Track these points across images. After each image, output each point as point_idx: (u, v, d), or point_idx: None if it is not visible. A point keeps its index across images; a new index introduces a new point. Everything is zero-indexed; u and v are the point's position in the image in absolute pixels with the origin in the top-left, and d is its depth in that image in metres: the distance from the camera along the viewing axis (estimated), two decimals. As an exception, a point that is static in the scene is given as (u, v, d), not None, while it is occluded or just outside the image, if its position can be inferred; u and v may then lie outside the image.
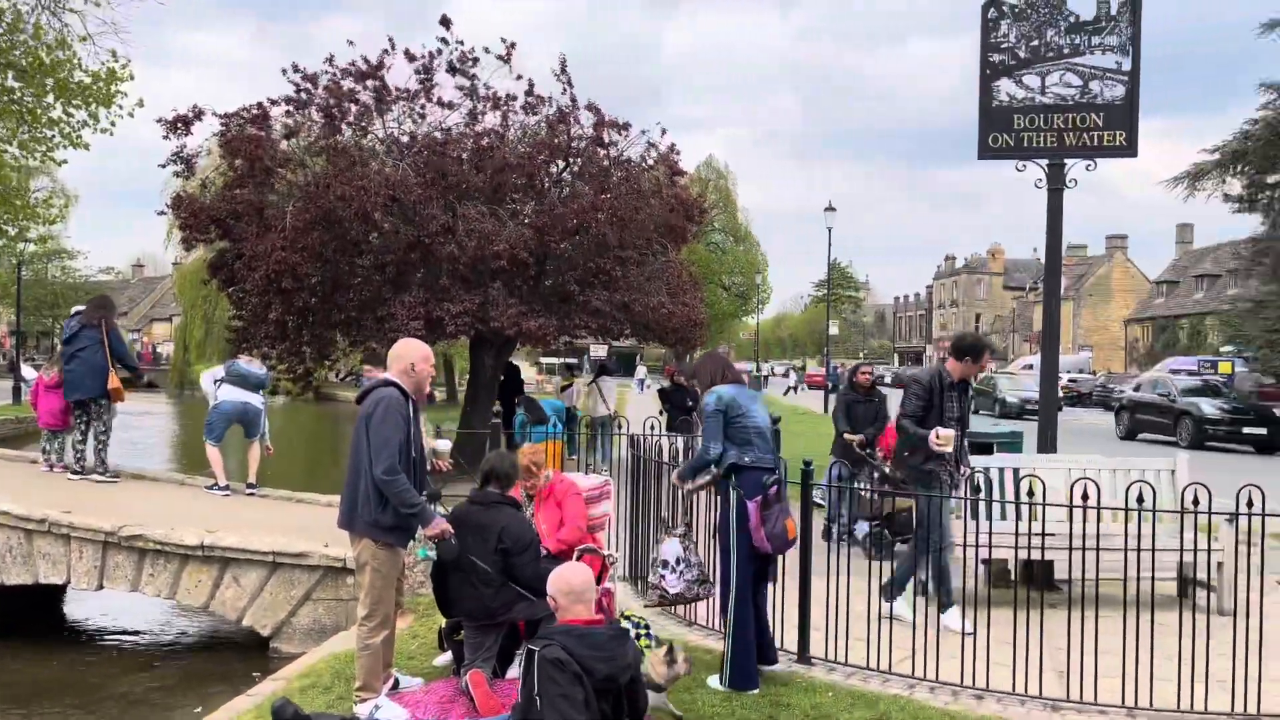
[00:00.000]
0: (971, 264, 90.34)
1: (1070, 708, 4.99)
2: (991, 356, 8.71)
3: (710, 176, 51.94)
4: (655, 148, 14.88)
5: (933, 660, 5.34)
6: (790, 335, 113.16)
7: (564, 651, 3.74)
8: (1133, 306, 67.13)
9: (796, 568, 5.71)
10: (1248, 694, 4.87)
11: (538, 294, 14.11)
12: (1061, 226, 7.81)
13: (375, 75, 13.69)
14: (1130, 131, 7.60)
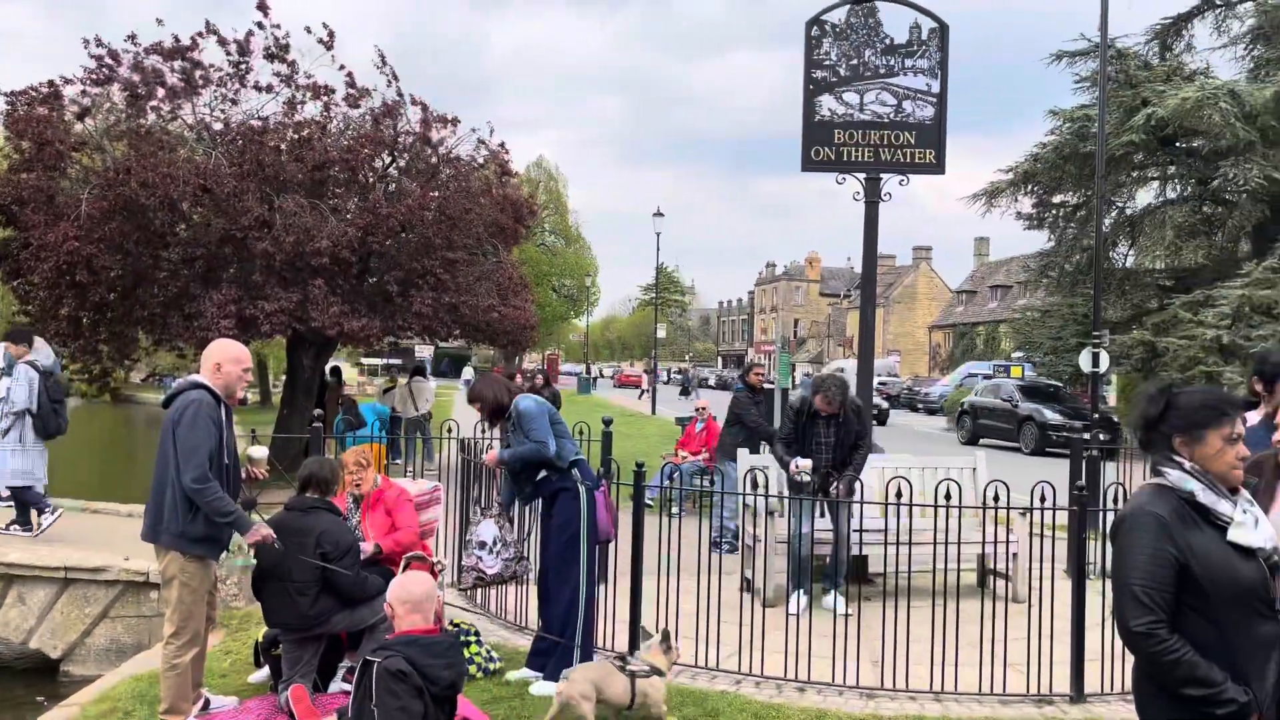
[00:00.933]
0: (791, 271, 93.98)
1: (884, 695, 5.25)
2: (838, 394, 9.09)
3: (541, 177, 51.86)
4: (485, 146, 14.70)
5: (758, 656, 5.49)
6: (619, 338, 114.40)
7: (406, 663, 3.61)
8: (936, 314, 71.62)
9: (629, 567, 5.75)
10: (1040, 675, 5.26)
11: (361, 293, 13.64)
12: (877, 237, 8.22)
13: (185, 55, 12.87)
14: (939, 150, 8.09)
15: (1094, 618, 5.25)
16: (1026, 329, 31.59)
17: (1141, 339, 23.55)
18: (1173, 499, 2.72)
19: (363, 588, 4.97)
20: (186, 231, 12.90)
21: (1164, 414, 2.82)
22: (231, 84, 13.27)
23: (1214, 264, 24.69)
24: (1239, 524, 2.67)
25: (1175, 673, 2.60)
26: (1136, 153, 23.61)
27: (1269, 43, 23.24)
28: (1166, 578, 2.63)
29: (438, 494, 6.35)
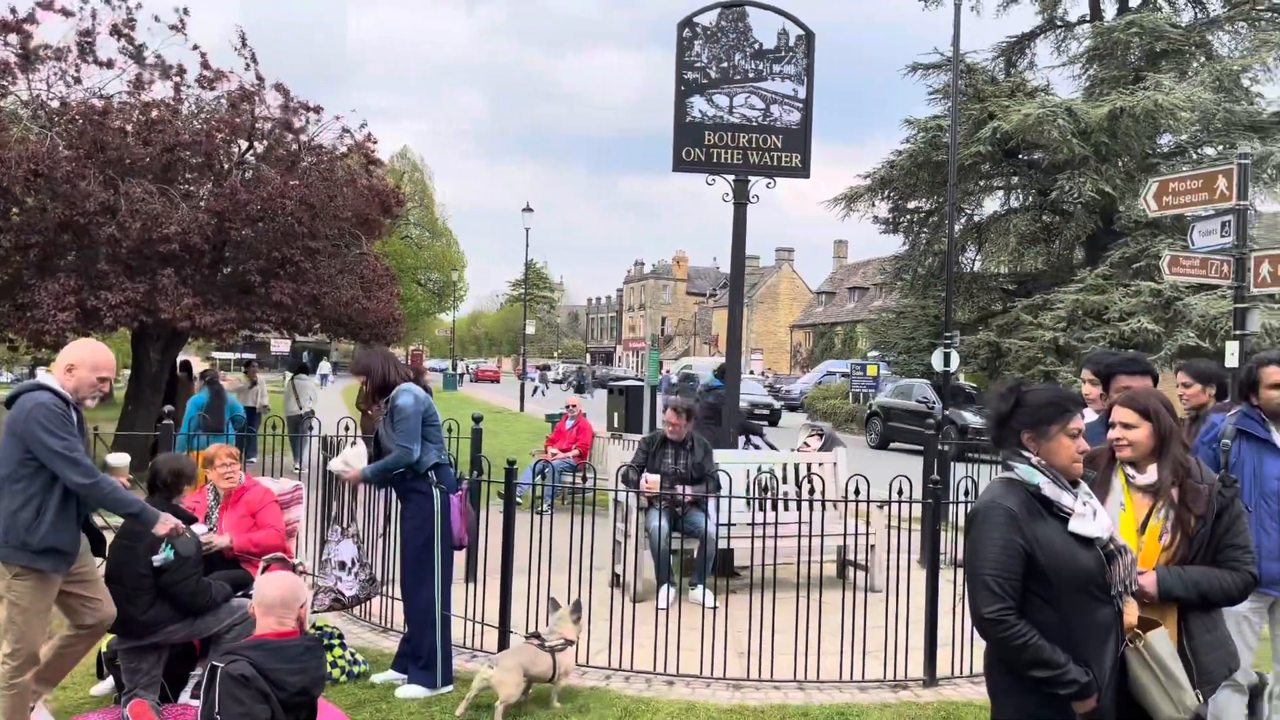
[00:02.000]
0: (659, 270, 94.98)
1: (750, 685, 5.37)
2: (688, 413, 9.40)
3: (406, 168, 50.72)
4: (350, 134, 14.27)
5: (628, 650, 5.53)
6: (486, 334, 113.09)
7: (251, 667, 3.47)
8: (797, 314, 73.76)
9: (499, 565, 5.70)
10: (896, 661, 5.48)
11: (214, 284, 13.03)
12: (745, 238, 8.39)
13: (20, 29, 11.99)
14: (804, 155, 8.31)
15: (946, 605, 5.51)
16: (882, 329, 32.91)
17: (987, 340, 24.88)
18: (1021, 492, 2.88)
19: (205, 596, 4.73)
20: (19, 217, 12.02)
21: (1014, 411, 2.98)
22: (71, 59, 12.44)
23: (1052, 270, 26.31)
24: (1079, 515, 2.85)
25: (1022, 656, 2.76)
26: (984, 163, 24.90)
27: (1104, 64, 24.89)
28: (1015, 567, 2.78)
29: (299, 494, 6.13)
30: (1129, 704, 3.01)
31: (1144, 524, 3.27)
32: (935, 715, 4.97)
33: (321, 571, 5.47)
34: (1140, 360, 4.28)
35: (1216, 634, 3.24)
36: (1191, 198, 8.38)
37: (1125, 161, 22.94)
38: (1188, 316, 21.14)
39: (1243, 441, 4.21)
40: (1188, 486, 3.23)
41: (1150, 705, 2.96)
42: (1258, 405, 4.22)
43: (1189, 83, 22.30)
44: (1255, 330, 8.13)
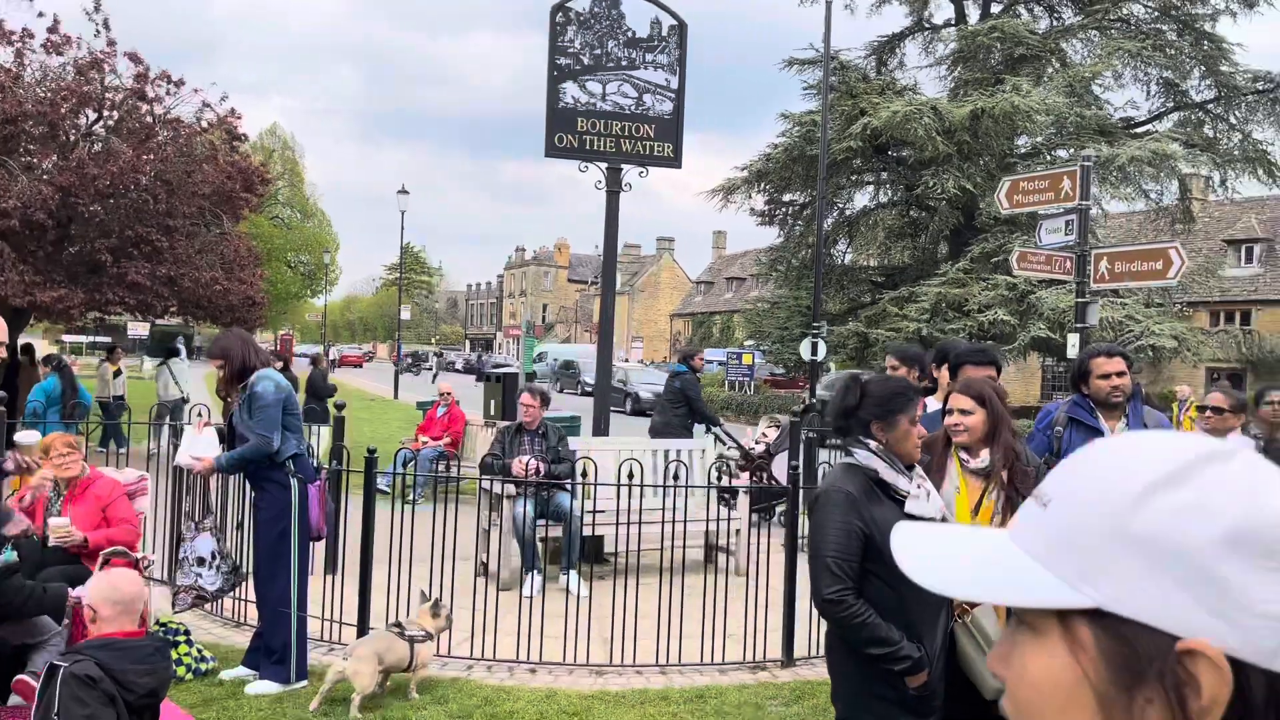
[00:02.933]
0: (540, 256, 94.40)
1: (613, 671, 5.41)
2: (544, 401, 9.19)
3: (275, 146, 48.77)
4: (210, 108, 13.64)
5: (490, 640, 5.49)
6: (360, 318, 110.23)
7: (98, 668, 3.29)
8: (677, 303, 74.54)
9: (358, 556, 5.57)
10: (755, 643, 5.61)
11: (59, 261, 12.27)
12: (618, 226, 8.40)
13: None
14: (676, 145, 8.37)
15: (804, 587, 5.65)
16: (757, 319, 33.60)
17: (856, 330, 25.67)
18: (860, 476, 3.00)
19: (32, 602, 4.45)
20: None
21: (860, 402, 3.09)
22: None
23: (918, 264, 27.33)
24: (914, 497, 2.97)
25: (860, 635, 2.87)
26: (855, 158, 25.62)
27: (967, 66, 25.93)
28: (854, 549, 2.89)
29: (144, 484, 5.84)
30: (956, 678, 3.16)
31: (977, 505, 3.43)
32: (791, 695, 5.11)
33: (180, 570, 5.23)
34: (986, 349, 4.48)
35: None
36: (1039, 196, 8.83)
37: (986, 160, 23.96)
38: (1040, 310, 22.30)
39: (1073, 429, 4.46)
40: (1016, 469, 3.41)
41: (976, 677, 3.12)
42: (1087, 395, 4.48)
43: (1044, 87, 23.45)
44: (1094, 323, 8.64)
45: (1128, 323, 23.03)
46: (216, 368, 5.10)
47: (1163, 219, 28.40)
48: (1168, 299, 27.48)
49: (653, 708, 4.89)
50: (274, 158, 45.74)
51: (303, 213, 49.81)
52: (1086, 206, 8.46)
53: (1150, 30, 24.94)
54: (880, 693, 2.93)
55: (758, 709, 4.92)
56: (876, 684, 2.92)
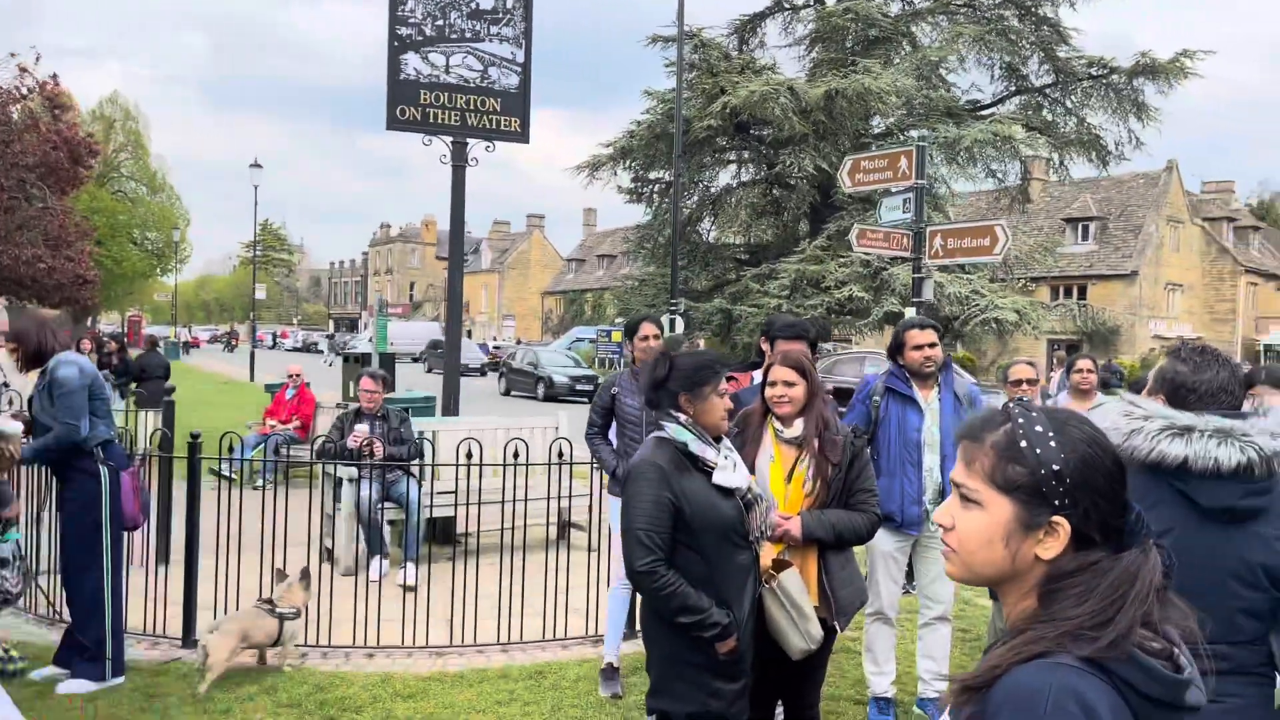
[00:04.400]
0: (406, 233, 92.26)
1: (454, 652, 5.35)
2: (386, 385, 8.93)
3: (116, 116, 45.97)
4: (29, 74, 12.70)
5: (326, 626, 5.36)
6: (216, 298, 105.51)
7: None
8: (548, 280, 74.19)
9: (183, 546, 5.34)
10: (599, 618, 5.66)
11: None
12: (464, 201, 8.26)
13: None
14: (524, 119, 8.28)
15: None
16: (626, 296, 33.69)
17: (720, 307, 26.11)
18: (670, 449, 3.04)
19: None
20: None
21: (669, 375, 3.13)
22: None
23: (779, 241, 27.95)
24: (721, 468, 3.03)
25: (671, 604, 2.92)
26: (717, 136, 25.94)
27: (824, 46, 26.57)
28: (665, 520, 2.94)
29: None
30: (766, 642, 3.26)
31: (790, 473, 3.53)
32: (629, 667, 5.17)
33: None
34: (798, 325, 4.59)
35: (848, 570, 3.57)
36: (879, 175, 9.14)
37: (842, 140, 24.65)
38: (892, 285, 23.17)
39: (890, 398, 4.64)
40: (825, 438, 3.52)
41: (783, 639, 3.22)
42: (903, 365, 4.67)
43: (895, 69, 24.25)
44: (929, 298, 9.02)
45: (974, 297, 24.18)
46: (9, 351, 4.77)
47: (1006, 198, 29.87)
48: (1011, 274, 28.98)
49: (491, 686, 4.87)
50: (115, 128, 43.14)
51: (150, 187, 47.20)
52: (922, 185, 8.79)
53: (994, 15, 26.06)
54: (690, 659, 2.99)
55: (596, 682, 4.96)
56: (687, 651, 2.98)
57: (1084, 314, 37.72)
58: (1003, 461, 1.29)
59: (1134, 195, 40.91)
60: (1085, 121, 26.81)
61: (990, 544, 1.29)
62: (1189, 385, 2.47)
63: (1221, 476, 2.29)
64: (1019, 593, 1.29)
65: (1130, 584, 1.18)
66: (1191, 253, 42.47)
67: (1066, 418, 1.31)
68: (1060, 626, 1.17)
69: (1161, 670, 1.14)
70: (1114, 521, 1.25)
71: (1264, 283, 44.59)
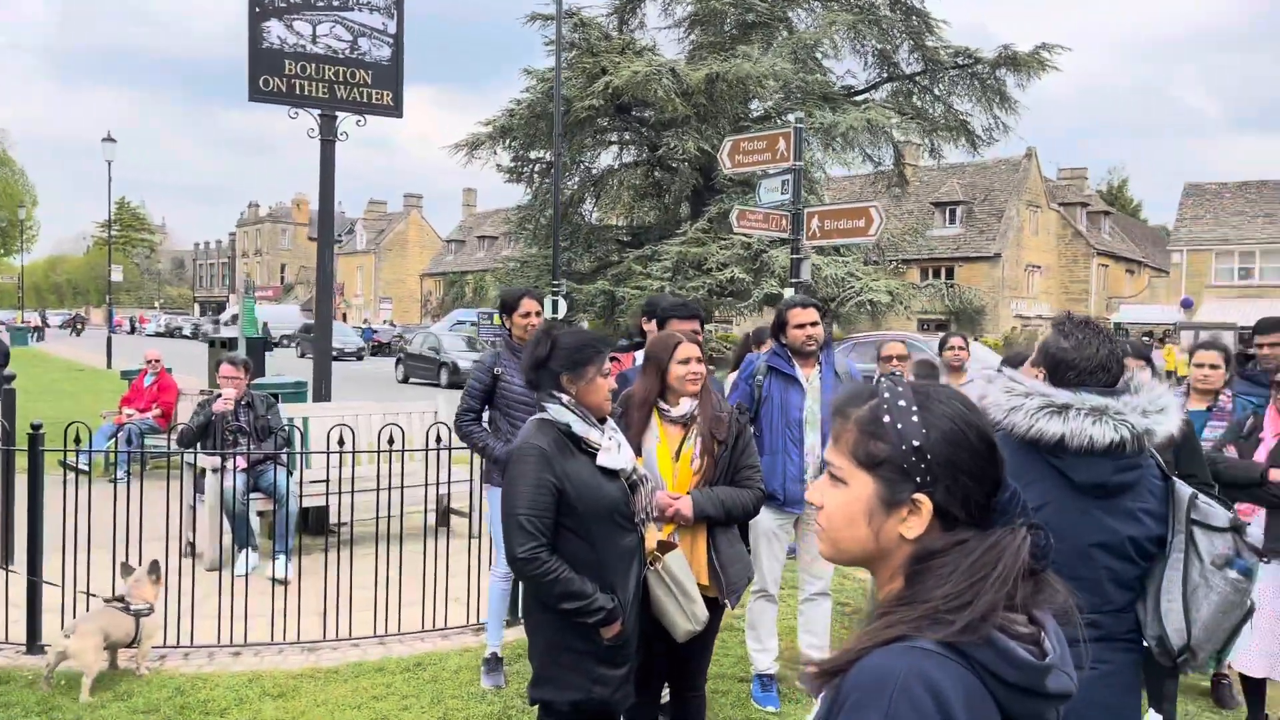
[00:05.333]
0: (276, 213, 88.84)
1: (327, 646, 5.13)
2: (248, 370, 8.54)
3: (-50, 84, 42.62)
4: None
5: (188, 625, 5.06)
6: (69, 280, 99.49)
7: None
8: (427, 262, 72.67)
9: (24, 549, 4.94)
10: (479, 606, 5.52)
11: None
12: (334, 177, 7.92)
13: None
14: (396, 93, 7.97)
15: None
16: (508, 278, 33.24)
17: (603, 289, 26.05)
18: (553, 431, 2.94)
19: None
20: None
21: (550, 355, 3.02)
22: None
23: (661, 223, 28.04)
24: (606, 449, 2.95)
25: (554, 590, 2.82)
26: (599, 117, 25.80)
27: (704, 29, 26.69)
28: (547, 504, 2.84)
29: None
30: (651, 623, 3.21)
31: (678, 452, 3.48)
32: (511, 653, 5.06)
33: None
34: (690, 304, 4.55)
35: (737, 548, 3.56)
36: (758, 157, 9.19)
37: (722, 123, 24.85)
38: (771, 267, 23.55)
39: (772, 377, 4.65)
40: (709, 414, 3.49)
41: (669, 621, 3.17)
42: (785, 344, 4.67)
43: (773, 54, 24.57)
44: (807, 278, 9.15)
45: (849, 279, 24.83)
46: None
47: (881, 182, 30.73)
48: (884, 257, 29.88)
49: (367, 680, 4.68)
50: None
51: (-10, 162, 43.99)
52: (800, 167, 8.89)
53: (865, 4, 26.65)
54: (574, 646, 2.91)
55: (477, 671, 4.84)
56: (570, 638, 2.90)
57: (952, 294, 39.22)
58: (865, 437, 1.25)
59: (997, 180, 42.71)
60: (953, 109, 27.75)
61: (854, 522, 1.26)
62: (1069, 362, 2.51)
63: (1095, 453, 2.34)
64: (887, 573, 1.25)
65: (993, 565, 1.14)
66: (1049, 236, 44.65)
67: (932, 393, 1.27)
68: (919, 609, 1.14)
69: (1021, 655, 1.10)
70: (980, 499, 1.21)
71: (1114, 264, 47.26)
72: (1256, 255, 39.02)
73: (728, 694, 4.66)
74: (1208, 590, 2.36)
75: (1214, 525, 2.42)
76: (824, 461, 1.33)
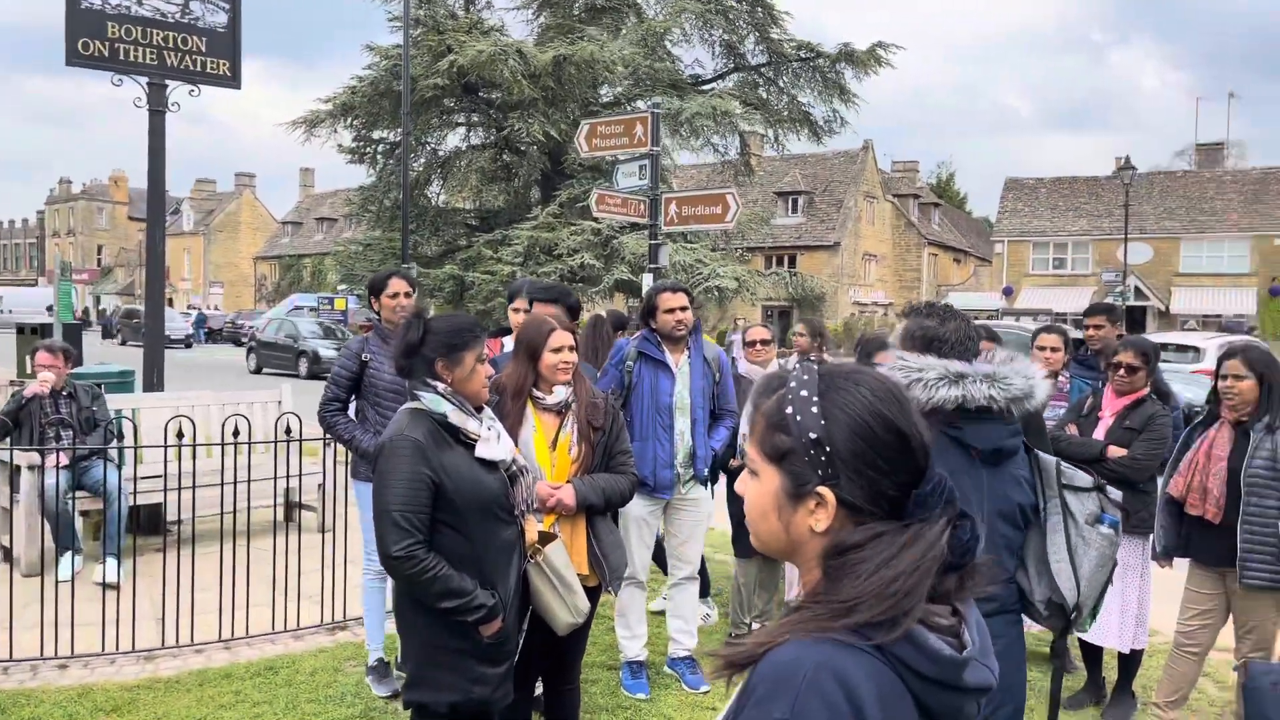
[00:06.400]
0: (91, 190, 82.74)
1: (166, 654, 4.78)
2: (68, 358, 7.87)
3: None
4: None
5: (5, 637, 4.61)
6: None
7: None
8: (261, 244, 69.34)
9: None
10: (334, 603, 5.26)
11: None
12: (164, 151, 7.39)
13: None
14: (234, 62, 7.48)
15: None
16: (349, 261, 32.06)
17: (452, 273, 25.50)
18: (427, 421, 2.79)
19: None
20: None
21: (424, 339, 2.86)
22: None
23: (511, 207, 27.64)
24: (484, 440, 2.82)
25: (432, 589, 2.69)
26: (445, 97, 25.15)
27: (552, 11, 26.39)
28: (423, 500, 2.69)
29: None
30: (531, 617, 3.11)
31: (554, 440, 3.39)
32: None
33: None
34: (556, 288, 4.45)
35: (615, 535, 3.50)
36: (615, 141, 9.13)
37: (571, 107, 24.66)
38: (622, 254, 23.62)
39: (642, 362, 4.60)
40: (586, 402, 3.41)
41: (550, 614, 3.08)
42: (655, 329, 4.64)
43: (622, 39, 24.57)
44: (665, 264, 9.18)
45: (698, 265, 25.19)
46: None
47: (728, 171, 31.28)
48: (730, 244, 30.49)
49: (213, 689, 4.38)
50: None
51: None
52: (657, 152, 8.88)
53: (713, -7, 27.00)
54: (451, 645, 2.78)
55: (335, 672, 4.61)
56: (447, 637, 2.77)
57: (794, 282, 40.46)
58: (770, 430, 1.21)
59: (836, 172, 44.29)
60: (796, 100, 28.50)
61: (766, 515, 1.23)
62: (940, 336, 2.57)
63: (989, 419, 2.41)
64: (806, 566, 1.22)
65: (910, 558, 1.12)
66: (884, 226, 46.68)
67: (839, 381, 1.20)
68: (834, 604, 1.11)
69: (937, 649, 1.07)
70: (892, 491, 1.16)
71: (943, 254, 49.89)
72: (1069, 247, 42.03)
73: (597, 682, 4.61)
74: (1086, 547, 2.51)
75: (1081, 486, 2.59)
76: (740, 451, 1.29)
